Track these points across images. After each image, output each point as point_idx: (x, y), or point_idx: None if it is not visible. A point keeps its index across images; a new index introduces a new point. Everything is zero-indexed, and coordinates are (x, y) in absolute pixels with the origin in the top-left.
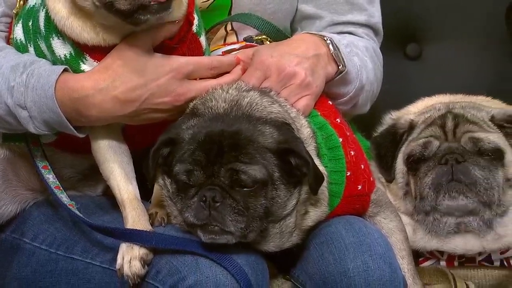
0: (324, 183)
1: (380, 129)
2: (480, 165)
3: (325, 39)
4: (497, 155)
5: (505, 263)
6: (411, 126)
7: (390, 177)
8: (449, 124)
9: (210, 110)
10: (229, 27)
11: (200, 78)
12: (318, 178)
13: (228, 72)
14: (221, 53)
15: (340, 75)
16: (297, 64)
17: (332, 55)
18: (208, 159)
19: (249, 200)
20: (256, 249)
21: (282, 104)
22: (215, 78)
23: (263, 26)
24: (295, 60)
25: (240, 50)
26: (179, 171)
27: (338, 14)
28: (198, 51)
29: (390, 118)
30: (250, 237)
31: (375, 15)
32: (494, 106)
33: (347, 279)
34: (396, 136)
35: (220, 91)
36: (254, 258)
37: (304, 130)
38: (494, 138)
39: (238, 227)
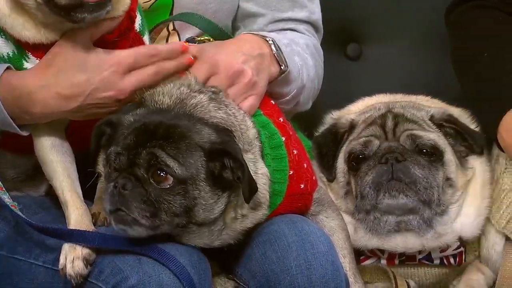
0: (266, 187)
1: (321, 128)
2: (420, 164)
3: (267, 39)
4: (436, 154)
5: (445, 261)
6: (352, 126)
7: (331, 177)
8: (389, 123)
9: (155, 104)
10: (171, 27)
11: None
12: (252, 187)
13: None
14: None
15: (282, 75)
16: (244, 62)
17: (275, 56)
18: (136, 144)
19: (162, 195)
20: (191, 246)
21: (229, 111)
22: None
23: (205, 25)
24: (242, 58)
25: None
26: (110, 153)
27: (279, 11)
28: None
29: (331, 117)
30: (162, 229)
31: (316, 11)
32: (434, 105)
33: (290, 277)
34: (337, 136)
35: (171, 85)
36: (197, 257)
37: (250, 132)
38: (434, 136)
39: (143, 215)
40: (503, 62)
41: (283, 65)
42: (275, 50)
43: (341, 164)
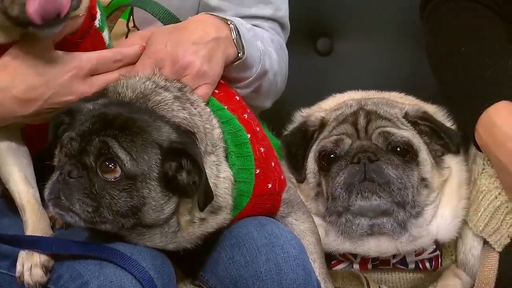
0: (228, 191)
1: (291, 127)
2: (393, 163)
3: (228, 22)
4: (411, 153)
5: (420, 265)
6: (322, 124)
7: (301, 177)
8: (361, 121)
9: (117, 96)
10: (131, 24)
11: None
12: (207, 196)
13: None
14: None
15: (240, 61)
16: (193, 53)
17: (234, 41)
18: (90, 132)
19: (107, 188)
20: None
21: (194, 111)
22: None
23: (162, 15)
24: (191, 49)
25: (137, 33)
26: (64, 138)
27: (243, 7)
28: (101, 46)
29: (300, 115)
30: (102, 227)
31: (282, 8)
32: (408, 102)
33: (260, 282)
34: (306, 134)
35: (137, 79)
36: (160, 261)
37: (215, 132)
38: (407, 134)
39: (84, 209)
40: (481, 57)
41: (240, 52)
42: (235, 35)
43: (311, 164)
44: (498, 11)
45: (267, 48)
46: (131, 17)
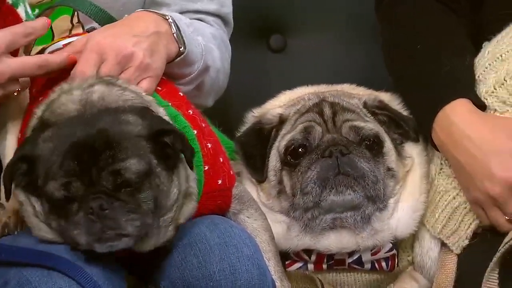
0: (195, 177)
1: (243, 128)
2: (365, 157)
3: (167, 18)
4: (378, 145)
5: (376, 265)
6: (282, 120)
7: (262, 177)
8: (327, 111)
9: (62, 116)
10: (75, 20)
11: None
12: (191, 149)
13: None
14: (61, 46)
15: (182, 57)
16: (135, 45)
17: (174, 35)
18: (82, 167)
19: (137, 196)
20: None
21: (134, 90)
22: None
23: (94, 12)
24: (133, 40)
25: (74, 39)
26: (53, 189)
27: (188, 1)
28: (15, 23)
29: (252, 116)
30: (147, 234)
31: (226, 4)
32: (362, 92)
33: (213, 283)
34: (262, 133)
35: (64, 95)
36: (110, 268)
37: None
38: (374, 126)
39: (134, 225)
40: (437, 55)
41: (182, 47)
42: (174, 29)
43: (273, 162)
44: (455, 8)
45: (209, 45)
46: (76, 12)
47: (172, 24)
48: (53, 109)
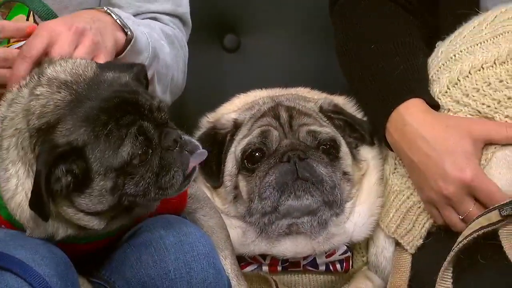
0: None
1: (198, 133)
2: (323, 161)
3: (105, 9)
4: (335, 149)
5: (331, 267)
6: (237, 125)
7: (217, 183)
8: (284, 115)
9: (56, 107)
10: (31, 19)
11: None
12: None
13: None
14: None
15: (131, 44)
16: (86, 23)
17: (117, 22)
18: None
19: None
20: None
21: None
22: None
23: (43, 11)
24: (82, 21)
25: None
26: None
27: (144, 2)
28: None
29: (207, 121)
30: None
31: (183, 4)
32: (317, 96)
33: (169, 282)
34: (217, 138)
35: (36, 91)
36: (64, 267)
37: None
38: (330, 130)
39: None
40: (391, 56)
41: (128, 31)
42: (115, 17)
43: (229, 167)
44: (410, 8)
45: (160, 42)
46: (32, 12)
47: (112, 13)
48: (34, 110)
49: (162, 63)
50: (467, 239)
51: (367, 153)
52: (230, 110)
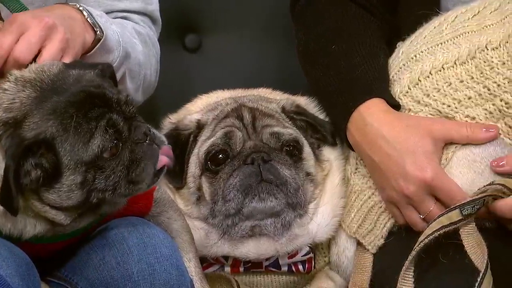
0: None
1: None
2: (287, 163)
3: (77, 6)
4: (298, 151)
5: (293, 268)
6: (199, 126)
7: (181, 184)
8: (247, 116)
9: (23, 105)
10: None
11: None
12: None
13: None
14: None
15: (100, 43)
16: (55, 19)
17: (88, 21)
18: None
19: None
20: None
21: None
22: None
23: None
24: (52, 16)
25: None
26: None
27: (113, 1)
28: None
29: (169, 122)
30: None
31: (152, 2)
32: (279, 97)
33: (132, 283)
34: (180, 139)
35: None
36: (25, 268)
37: None
38: (293, 132)
39: None
40: (351, 56)
41: (98, 30)
42: (87, 14)
43: (192, 168)
44: (371, 9)
45: (125, 33)
46: None
47: (84, 11)
48: (1, 103)
49: (135, 61)
50: (428, 238)
51: (330, 154)
52: (192, 111)
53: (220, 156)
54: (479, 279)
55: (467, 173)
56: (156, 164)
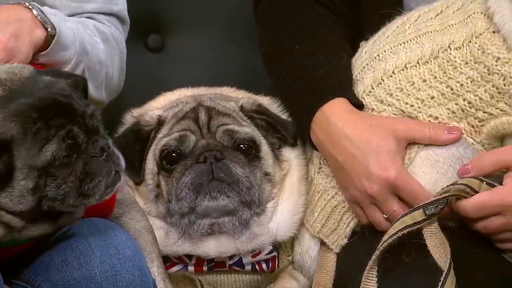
0: None
1: (122, 129)
2: (240, 162)
3: (27, 4)
4: (254, 150)
5: (257, 267)
6: (160, 122)
7: (139, 180)
8: (203, 117)
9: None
10: None
11: None
12: None
13: None
14: None
15: (55, 39)
16: None
17: (38, 19)
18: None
19: None
20: None
21: None
22: None
23: None
24: None
25: None
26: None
27: (80, 2)
28: None
29: (131, 116)
30: None
31: (119, 2)
32: (242, 96)
33: (94, 284)
34: (140, 134)
35: None
36: None
37: None
38: (250, 130)
39: None
40: (314, 56)
41: (50, 27)
42: (36, 13)
43: (150, 165)
44: (333, 8)
45: (93, 38)
46: None
47: (33, 9)
48: None
49: (95, 59)
50: (392, 238)
51: (290, 153)
52: (154, 108)
53: (174, 155)
54: (442, 279)
55: (430, 173)
56: (108, 180)
